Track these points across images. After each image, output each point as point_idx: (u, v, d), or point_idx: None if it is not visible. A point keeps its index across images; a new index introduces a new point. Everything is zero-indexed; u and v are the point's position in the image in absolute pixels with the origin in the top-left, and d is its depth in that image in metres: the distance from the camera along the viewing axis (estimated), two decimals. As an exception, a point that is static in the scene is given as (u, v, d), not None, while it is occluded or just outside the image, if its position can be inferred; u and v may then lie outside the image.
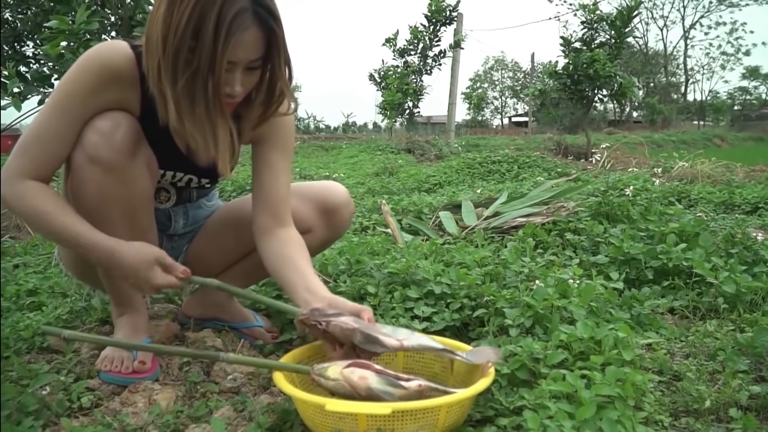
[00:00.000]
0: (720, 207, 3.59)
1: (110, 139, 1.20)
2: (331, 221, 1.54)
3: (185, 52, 1.07)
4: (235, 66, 1.12)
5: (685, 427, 1.09)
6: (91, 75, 1.19)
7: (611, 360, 1.19)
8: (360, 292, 1.65)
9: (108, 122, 1.21)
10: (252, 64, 1.15)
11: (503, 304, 1.51)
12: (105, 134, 1.20)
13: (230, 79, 1.14)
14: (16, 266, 2.39)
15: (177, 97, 1.12)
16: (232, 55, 1.09)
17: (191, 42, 1.06)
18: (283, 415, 1.13)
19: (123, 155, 1.22)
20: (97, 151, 1.20)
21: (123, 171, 1.23)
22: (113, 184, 1.23)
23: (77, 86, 1.20)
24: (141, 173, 1.28)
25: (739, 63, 48.53)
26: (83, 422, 1.14)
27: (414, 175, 5.90)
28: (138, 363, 1.32)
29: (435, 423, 0.99)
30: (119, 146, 1.21)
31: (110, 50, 1.21)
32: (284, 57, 1.18)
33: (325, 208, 1.52)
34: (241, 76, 1.14)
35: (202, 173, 1.42)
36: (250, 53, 1.12)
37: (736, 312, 1.66)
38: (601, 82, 9.05)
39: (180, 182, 1.42)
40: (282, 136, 1.39)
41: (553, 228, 2.49)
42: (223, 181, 1.49)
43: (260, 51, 1.13)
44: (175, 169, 1.38)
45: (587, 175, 5.23)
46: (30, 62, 4.54)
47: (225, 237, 1.54)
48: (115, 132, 1.21)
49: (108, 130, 1.21)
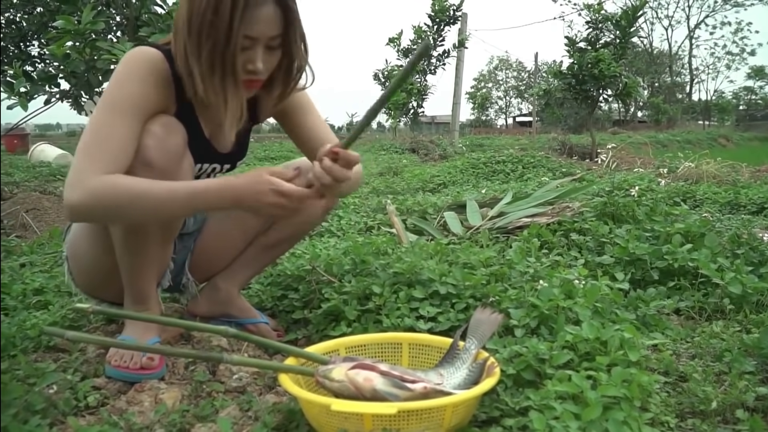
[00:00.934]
0: (725, 207, 3.58)
1: (164, 144, 1.24)
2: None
3: (206, 27, 1.15)
4: (255, 42, 1.19)
5: (691, 428, 1.09)
6: (141, 75, 1.24)
7: (617, 361, 1.19)
8: (365, 292, 1.65)
9: (162, 127, 1.25)
10: (272, 42, 1.22)
11: (508, 304, 1.51)
12: (159, 138, 1.24)
13: (252, 56, 1.21)
14: (22, 265, 2.40)
15: (202, 70, 1.19)
16: (249, 29, 1.17)
17: (212, 17, 1.14)
18: (288, 415, 1.13)
19: (175, 160, 1.26)
20: (152, 156, 1.22)
21: (172, 176, 1.25)
22: None
23: (131, 86, 1.23)
24: (186, 177, 1.31)
25: (744, 63, 48.38)
26: (90, 421, 1.14)
27: (418, 174, 5.90)
28: (146, 359, 1.32)
29: (440, 423, 0.99)
30: (171, 151, 1.25)
31: (148, 53, 1.27)
32: (300, 33, 1.26)
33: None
34: (262, 54, 1.22)
35: (224, 159, 1.47)
36: (268, 29, 1.19)
37: (742, 313, 1.66)
38: (606, 82, 9.02)
39: (204, 172, 1.45)
40: (306, 102, 1.50)
41: (558, 228, 2.49)
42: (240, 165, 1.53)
43: (278, 28, 1.21)
44: (202, 161, 1.42)
45: (592, 175, 5.22)
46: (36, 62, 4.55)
47: (229, 228, 1.58)
48: (168, 137, 1.25)
49: (162, 135, 1.24)
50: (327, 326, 1.58)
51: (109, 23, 3.38)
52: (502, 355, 1.26)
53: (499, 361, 1.20)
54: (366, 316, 1.57)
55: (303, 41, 1.28)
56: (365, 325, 1.54)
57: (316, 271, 1.76)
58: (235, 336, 1.18)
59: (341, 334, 1.49)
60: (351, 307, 1.59)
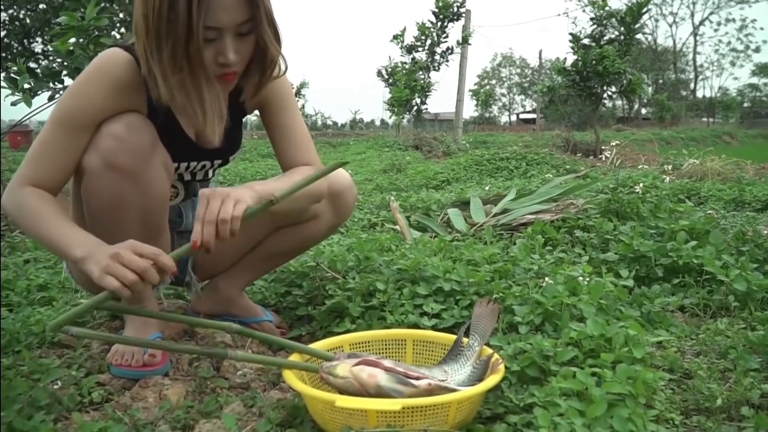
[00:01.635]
0: (730, 204, 3.57)
1: (126, 144, 1.20)
2: (336, 205, 1.56)
3: (165, 25, 1.09)
4: (221, 32, 1.12)
5: (696, 425, 1.09)
6: (95, 88, 1.20)
7: (622, 358, 1.18)
8: (369, 289, 1.65)
9: (121, 126, 1.20)
10: (241, 29, 1.14)
11: (512, 301, 1.50)
12: (121, 139, 1.20)
13: (221, 47, 1.14)
14: (26, 261, 2.41)
15: (164, 71, 1.13)
16: (211, 19, 1.09)
17: (168, 14, 1.07)
18: (293, 411, 1.13)
19: (140, 159, 1.21)
20: (115, 158, 1.19)
21: (141, 176, 1.23)
22: (131, 190, 1.23)
23: (81, 101, 1.20)
24: (158, 175, 1.27)
25: (748, 60, 48.27)
26: (94, 417, 1.15)
27: (422, 171, 5.89)
28: (148, 356, 1.32)
29: (445, 419, 0.99)
30: (136, 150, 1.20)
31: (110, 60, 1.22)
32: (268, 15, 1.17)
33: (330, 192, 1.52)
34: (233, 43, 1.14)
35: (214, 155, 1.43)
36: (233, 16, 1.11)
37: (747, 310, 1.65)
38: (610, 78, 9.00)
39: (186, 173, 1.42)
40: (285, 96, 1.43)
41: (562, 225, 2.48)
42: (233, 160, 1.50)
43: (245, 13, 1.12)
44: (189, 160, 1.39)
45: (596, 172, 5.21)
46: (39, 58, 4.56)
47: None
48: (130, 136, 1.20)
49: (123, 134, 1.20)
50: (331, 323, 1.58)
51: (112, 19, 3.38)
52: (506, 351, 1.26)
53: (504, 357, 1.20)
54: (370, 312, 1.57)
55: (272, 24, 1.19)
56: (369, 322, 1.53)
57: (320, 267, 1.76)
58: (239, 332, 1.18)
59: (345, 330, 1.49)
60: (355, 303, 1.59)
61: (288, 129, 1.43)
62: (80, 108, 1.20)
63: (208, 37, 1.12)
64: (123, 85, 1.21)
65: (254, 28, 1.16)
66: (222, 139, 1.37)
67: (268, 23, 1.17)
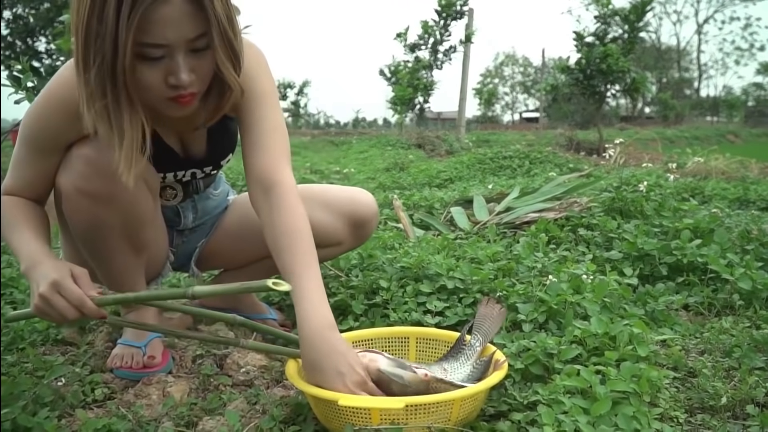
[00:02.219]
0: (734, 203, 3.55)
1: (98, 166, 1.12)
2: (358, 234, 1.54)
3: (92, 39, 0.94)
4: (171, 50, 0.97)
5: (700, 423, 1.08)
6: (55, 114, 1.13)
7: (626, 356, 1.18)
8: (372, 287, 1.65)
9: (92, 148, 1.12)
10: (195, 44, 0.99)
11: (516, 299, 1.50)
12: (91, 162, 1.12)
13: (172, 66, 0.99)
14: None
15: (89, 94, 0.99)
16: (153, 35, 0.94)
17: (97, 27, 0.93)
18: (296, 408, 1.13)
19: (115, 182, 1.07)
20: (87, 183, 1.13)
21: (118, 197, 1.15)
22: (108, 214, 1.17)
23: (42, 124, 1.14)
24: (139, 193, 1.19)
25: (753, 58, 48.25)
26: (98, 414, 1.15)
27: (425, 170, 5.88)
28: (148, 358, 1.32)
29: (448, 417, 0.99)
30: (109, 172, 1.07)
31: (63, 81, 1.11)
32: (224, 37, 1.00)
33: (356, 222, 1.51)
34: (186, 62, 0.99)
35: (203, 164, 1.36)
36: (181, 31, 0.96)
37: (752, 309, 1.65)
38: (614, 77, 8.98)
39: (185, 177, 1.37)
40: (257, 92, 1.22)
41: (565, 223, 2.48)
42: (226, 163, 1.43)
43: (197, 27, 0.97)
44: (175, 169, 1.33)
45: (600, 170, 5.20)
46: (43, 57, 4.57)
47: (243, 238, 1.52)
48: (101, 157, 1.10)
49: (94, 156, 1.12)
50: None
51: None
52: (510, 349, 1.25)
53: (507, 355, 1.20)
54: (373, 310, 1.57)
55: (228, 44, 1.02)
56: (372, 320, 1.53)
57: (323, 265, 1.76)
58: (243, 324, 1.19)
59: (348, 328, 1.49)
60: (358, 301, 1.59)
61: (253, 126, 1.22)
62: (42, 132, 1.14)
63: (151, 56, 0.97)
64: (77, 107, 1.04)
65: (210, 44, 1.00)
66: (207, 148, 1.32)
67: (224, 43, 1.01)
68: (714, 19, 49.74)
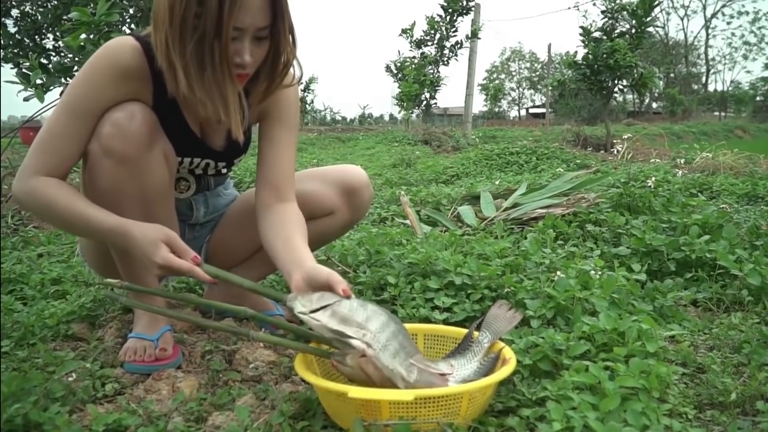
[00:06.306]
0: (743, 199, 3.53)
1: (125, 131, 1.21)
2: (352, 202, 1.56)
3: (191, 18, 1.08)
4: (242, 33, 1.13)
5: (710, 419, 1.08)
6: (101, 75, 1.21)
7: (635, 352, 1.18)
8: (380, 283, 1.65)
9: (123, 113, 1.22)
10: (260, 33, 1.15)
11: (524, 295, 1.50)
12: (120, 126, 1.21)
13: (239, 47, 1.14)
14: (40, 255, 2.43)
15: (186, 64, 1.13)
16: (238, 20, 1.10)
17: (197, 8, 1.07)
18: (305, 404, 1.13)
19: (137, 147, 1.22)
20: (111, 143, 1.21)
21: (137, 163, 1.24)
22: (127, 177, 1.24)
23: (87, 88, 1.21)
24: (157, 164, 1.28)
25: (761, 53, 47.81)
26: (108, 409, 1.15)
27: (431, 166, 5.88)
28: (159, 350, 1.34)
29: (457, 411, 0.99)
30: (134, 138, 1.22)
31: (117, 48, 1.22)
32: (288, 24, 1.19)
33: (347, 189, 1.55)
34: (250, 46, 1.15)
35: (218, 156, 1.42)
36: (256, 20, 1.12)
37: (761, 304, 1.64)
38: (621, 72, 8.92)
39: (197, 169, 1.42)
40: (285, 110, 1.41)
41: (573, 219, 2.47)
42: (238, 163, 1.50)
43: (267, 18, 1.14)
44: (192, 155, 1.39)
45: (607, 166, 5.18)
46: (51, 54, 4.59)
47: (246, 227, 1.55)
48: (130, 123, 1.22)
49: (123, 121, 1.21)
50: (342, 316, 1.58)
51: (123, 15, 3.39)
52: (518, 345, 1.25)
53: (516, 351, 1.20)
54: (381, 306, 1.57)
55: (291, 33, 1.21)
56: (380, 316, 1.53)
57: (331, 261, 1.76)
58: (253, 317, 1.19)
59: (356, 324, 1.49)
60: (366, 297, 1.59)
61: (277, 145, 1.40)
62: (88, 95, 1.21)
63: (231, 36, 1.12)
64: (127, 72, 1.22)
65: (273, 34, 1.18)
66: (225, 143, 1.40)
67: (289, 30, 1.20)
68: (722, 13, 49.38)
